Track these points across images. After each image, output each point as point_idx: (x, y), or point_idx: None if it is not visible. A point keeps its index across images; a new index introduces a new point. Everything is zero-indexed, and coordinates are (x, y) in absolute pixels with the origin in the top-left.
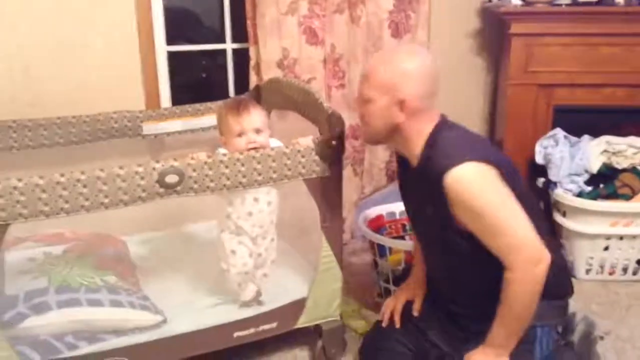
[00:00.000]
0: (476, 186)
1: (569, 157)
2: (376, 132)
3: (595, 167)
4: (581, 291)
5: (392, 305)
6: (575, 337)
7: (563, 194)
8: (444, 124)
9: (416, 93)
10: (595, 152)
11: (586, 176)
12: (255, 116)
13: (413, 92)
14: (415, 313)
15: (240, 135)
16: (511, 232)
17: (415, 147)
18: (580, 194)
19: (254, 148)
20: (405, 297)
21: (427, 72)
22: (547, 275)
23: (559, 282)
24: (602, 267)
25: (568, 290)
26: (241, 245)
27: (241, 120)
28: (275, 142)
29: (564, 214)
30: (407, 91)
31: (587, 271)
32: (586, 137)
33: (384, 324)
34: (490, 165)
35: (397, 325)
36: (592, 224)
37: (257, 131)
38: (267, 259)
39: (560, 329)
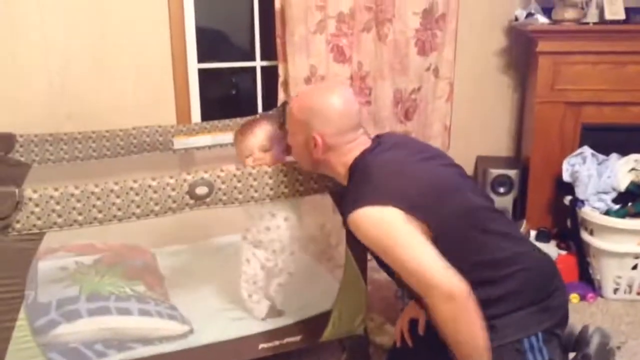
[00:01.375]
0: (372, 230)
1: (597, 175)
2: (303, 164)
3: (623, 185)
4: (609, 311)
5: (400, 326)
6: (592, 350)
7: (590, 212)
8: (365, 153)
9: (328, 130)
10: (623, 170)
11: (614, 194)
12: (259, 135)
13: (324, 130)
14: (420, 331)
15: (248, 156)
16: (416, 272)
17: (343, 179)
18: (607, 212)
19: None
20: (409, 316)
21: (340, 109)
22: (518, 283)
23: (534, 287)
24: (630, 286)
25: (549, 291)
26: (255, 257)
27: (246, 142)
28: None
29: (591, 232)
30: (318, 128)
31: (615, 290)
32: (614, 155)
33: (397, 344)
34: (391, 206)
35: (409, 344)
36: (619, 243)
37: (264, 150)
38: (283, 270)
39: (560, 331)
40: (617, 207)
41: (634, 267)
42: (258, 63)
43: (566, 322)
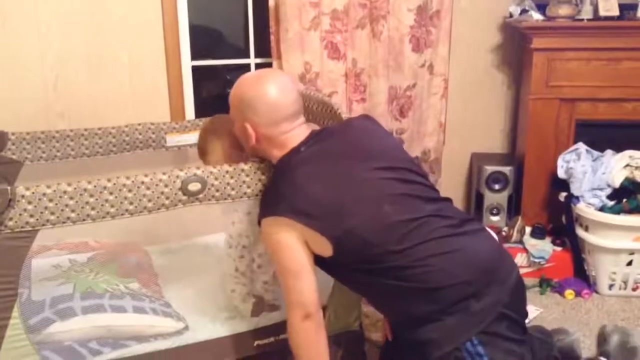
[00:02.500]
0: (268, 241)
1: (591, 172)
2: (247, 151)
3: (617, 182)
4: (604, 307)
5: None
6: (611, 347)
7: (585, 209)
8: (291, 154)
9: (256, 121)
10: (617, 166)
11: (609, 190)
12: (207, 160)
13: (255, 120)
14: (388, 336)
15: None
16: (288, 287)
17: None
18: (602, 209)
19: None
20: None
21: (273, 99)
22: (436, 296)
23: (454, 288)
24: (625, 282)
25: (476, 290)
26: (231, 250)
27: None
28: None
29: (586, 229)
30: (249, 118)
31: (610, 286)
32: (609, 151)
33: (389, 338)
34: (292, 220)
35: (389, 338)
36: (614, 239)
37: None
38: (264, 267)
39: (500, 328)
40: (612, 203)
41: (629, 263)
42: (252, 60)
43: (514, 313)
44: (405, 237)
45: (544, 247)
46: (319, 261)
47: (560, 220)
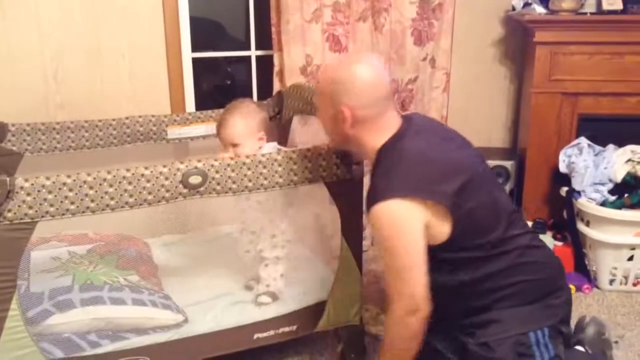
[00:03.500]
0: (388, 229)
1: (593, 166)
2: (333, 139)
3: (619, 176)
4: (605, 301)
5: None
6: (586, 337)
7: (587, 203)
8: (396, 137)
9: (356, 102)
10: (619, 161)
11: (610, 185)
12: (229, 129)
13: (351, 102)
14: None
15: (225, 148)
16: (402, 280)
17: (371, 160)
18: (604, 203)
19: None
20: None
21: (368, 80)
22: (527, 279)
23: (542, 281)
24: (626, 277)
25: (557, 286)
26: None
27: (220, 133)
28: (271, 146)
29: (587, 223)
30: (345, 101)
31: (611, 281)
32: (611, 146)
33: None
34: (418, 202)
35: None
36: (616, 234)
37: (233, 145)
38: (266, 253)
39: (564, 328)
40: (613, 198)
41: (630, 259)
42: (253, 52)
43: (569, 321)
44: (510, 226)
45: (544, 242)
46: None
47: (561, 215)
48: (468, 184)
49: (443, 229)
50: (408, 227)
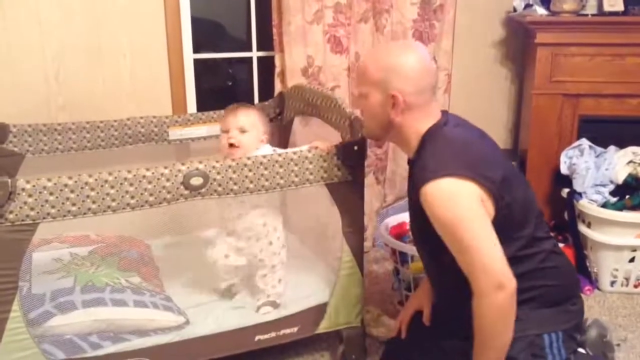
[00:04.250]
0: (447, 203)
1: (594, 168)
2: (373, 128)
3: (620, 178)
4: (606, 303)
5: (402, 317)
6: (587, 339)
7: (588, 205)
8: (440, 125)
9: (407, 88)
10: (621, 162)
11: (611, 187)
12: (241, 117)
13: (404, 88)
14: (426, 322)
15: (225, 132)
16: (476, 253)
17: (412, 147)
18: (605, 205)
19: (232, 144)
20: (413, 307)
21: (419, 66)
22: (549, 284)
23: (561, 287)
24: (627, 279)
25: (574, 294)
26: (224, 245)
27: (227, 118)
28: (267, 149)
29: (588, 225)
30: (397, 86)
31: (612, 283)
32: (612, 147)
33: (400, 335)
34: (471, 181)
35: (402, 336)
36: (617, 235)
37: (241, 130)
38: (265, 261)
39: (578, 336)
40: (614, 199)
41: (631, 260)
42: (254, 53)
43: (582, 328)
44: (539, 226)
45: None
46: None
47: (562, 217)
48: (506, 177)
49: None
50: (464, 200)
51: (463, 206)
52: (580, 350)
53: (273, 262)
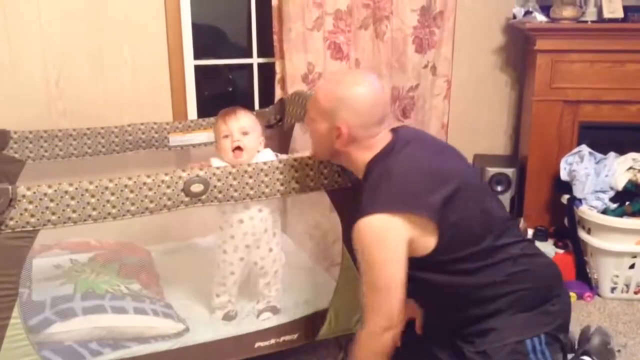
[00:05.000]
0: (374, 244)
1: (594, 174)
2: (320, 152)
3: (620, 184)
4: (606, 310)
5: None
6: (592, 347)
7: (588, 211)
8: (385, 152)
9: (353, 122)
10: (621, 169)
11: (611, 193)
12: (242, 119)
13: (350, 121)
14: (418, 331)
15: (226, 136)
16: (381, 295)
17: (360, 173)
18: (605, 211)
19: (238, 147)
20: (406, 316)
21: (369, 100)
22: (522, 288)
23: (536, 289)
24: (627, 285)
25: (552, 294)
26: (226, 255)
27: (227, 122)
28: (269, 153)
29: (588, 231)
30: (343, 119)
31: (612, 289)
32: (612, 154)
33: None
34: (403, 215)
35: (419, 332)
36: (617, 242)
37: (244, 133)
38: (266, 269)
39: (562, 335)
40: (614, 206)
41: (632, 266)
42: (255, 60)
43: (567, 328)
44: (502, 235)
45: (546, 250)
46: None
47: (562, 223)
48: (456, 193)
49: (430, 241)
50: (390, 242)
51: (388, 248)
52: (586, 358)
53: (275, 268)
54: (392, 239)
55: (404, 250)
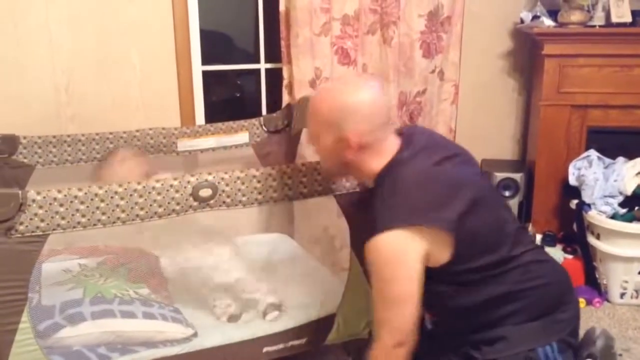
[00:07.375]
0: (391, 261)
1: (603, 179)
2: (330, 167)
3: (630, 189)
4: (616, 315)
5: None
6: (597, 349)
7: (597, 216)
8: (396, 161)
9: (361, 129)
10: (630, 173)
11: (620, 198)
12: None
13: (357, 128)
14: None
15: None
16: (395, 312)
17: (371, 182)
18: (614, 216)
19: None
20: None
21: (371, 105)
22: (532, 296)
23: (547, 297)
24: (637, 291)
25: (563, 300)
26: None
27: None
28: None
29: (597, 237)
30: (349, 127)
31: (622, 295)
32: (620, 158)
33: None
34: (419, 228)
35: None
36: (626, 247)
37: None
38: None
39: (573, 340)
40: (623, 211)
41: None
42: (262, 65)
43: (577, 333)
44: (515, 244)
45: (554, 255)
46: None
47: (571, 228)
48: (472, 202)
49: (445, 252)
50: (408, 258)
51: (406, 265)
52: None
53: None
54: (410, 254)
55: (420, 265)
